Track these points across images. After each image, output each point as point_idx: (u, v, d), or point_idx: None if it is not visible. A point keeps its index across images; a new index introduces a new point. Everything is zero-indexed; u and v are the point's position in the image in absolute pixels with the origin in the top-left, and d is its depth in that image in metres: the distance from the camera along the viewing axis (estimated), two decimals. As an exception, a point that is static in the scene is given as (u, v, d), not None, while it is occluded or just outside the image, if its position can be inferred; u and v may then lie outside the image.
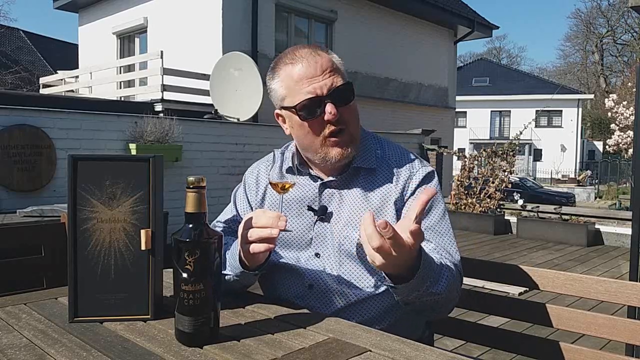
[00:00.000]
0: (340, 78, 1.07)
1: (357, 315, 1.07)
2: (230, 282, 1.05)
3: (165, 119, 4.85)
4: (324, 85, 1.04)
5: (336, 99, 1.04)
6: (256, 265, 1.00)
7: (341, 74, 1.08)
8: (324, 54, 1.08)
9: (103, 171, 0.93)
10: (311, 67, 1.04)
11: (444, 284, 0.97)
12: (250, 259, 0.97)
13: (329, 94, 1.04)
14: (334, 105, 1.03)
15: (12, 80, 16.10)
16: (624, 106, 17.44)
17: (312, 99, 1.04)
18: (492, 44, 49.76)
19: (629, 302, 1.13)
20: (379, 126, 8.92)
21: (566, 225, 6.52)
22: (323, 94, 1.04)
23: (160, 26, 9.22)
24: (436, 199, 1.11)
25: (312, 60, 1.05)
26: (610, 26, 38.75)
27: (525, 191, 15.10)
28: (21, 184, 4.07)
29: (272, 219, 0.90)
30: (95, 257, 0.93)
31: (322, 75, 1.04)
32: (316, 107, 1.04)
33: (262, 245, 0.92)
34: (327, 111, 1.03)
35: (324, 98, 1.04)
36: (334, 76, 1.05)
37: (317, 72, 1.04)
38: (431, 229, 1.08)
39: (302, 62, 1.05)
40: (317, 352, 0.81)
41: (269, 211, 0.94)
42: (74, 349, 0.82)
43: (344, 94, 1.06)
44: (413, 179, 1.12)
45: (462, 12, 12.22)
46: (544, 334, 1.79)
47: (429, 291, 0.95)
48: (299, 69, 1.05)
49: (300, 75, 1.04)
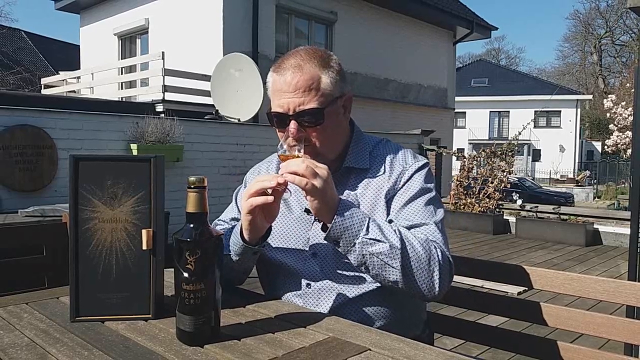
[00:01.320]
0: (315, 100, 1.05)
1: (355, 314, 1.08)
2: (231, 265, 1.06)
3: (167, 120, 4.85)
4: (292, 102, 1.05)
5: (302, 119, 1.06)
6: (256, 237, 1.03)
7: (320, 94, 1.06)
8: (311, 70, 1.06)
9: (104, 171, 0.93)
10: (286, 83, 1.06)
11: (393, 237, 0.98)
12: (251, 225, 1.00)
13: (295, 113, 1.06)
14: (297, 124, 1.05)
15: (14, 81, 16.10)
16: (623, 107, 17.45)
17: (279, 113, 1.07)
18: (491, 45, 49.82)
19: (627, 301, 1.13)
20: (379, 127, 8.93)
21: (565, 225, 6.52)
22: (289, 112, 1.06)
23: (161, 27, 9.23)
24: (425, 186, 1.11)
25: (290, 75, 1.06)
26: (609, 27, 38.76)
27: (524, 191, 15.10)
28: (23, 184, 4.07)
29: (273, 177, 0.95)
30: (97, 256, 0.94)
31: (295, 93, 1.05)
32: (283, 121, 1.07)
33: (261, 198, 0.95)
34: (289, 129, 1.06)
35: (289, 116, 1.06)
36: (307, 97, 1.05)
37: (290, 89, 1.05)
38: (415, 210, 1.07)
39: (283, 75, 1.07)
40: (317, 351, 0.81)
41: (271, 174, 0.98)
42: (75, 348, 0.82)
43: (311, 117, 1.06)
44: (405, 173, 1.13)
45: (461, 13, 12.23)
46: (543, 333, 1.79)
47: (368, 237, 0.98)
48: (278, 80, 1.08)
49: (277, 87, 1.08)
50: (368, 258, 0.99)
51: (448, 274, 1.02)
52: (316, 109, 1.06)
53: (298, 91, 1.05)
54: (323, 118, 1.06)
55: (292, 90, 1.05)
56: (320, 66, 1.07)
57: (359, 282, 1.09)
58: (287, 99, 1.05)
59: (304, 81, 1.05)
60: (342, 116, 1.13)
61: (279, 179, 0.94)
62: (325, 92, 1.07)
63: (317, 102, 1.06)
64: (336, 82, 1.09)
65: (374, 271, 1.00)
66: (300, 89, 1.05)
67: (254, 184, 0.97)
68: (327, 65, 1.09)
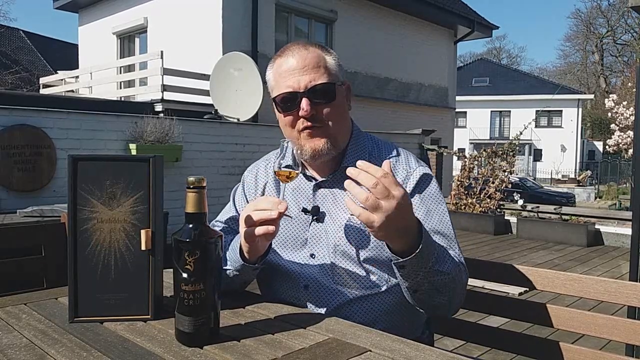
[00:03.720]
0: (325, 76, 1.05)
1: (355, 315, 1.07)
2: (231, 278, 1.05)
3: (166, 119, 4.85)
4: (302, 80, 1.04)
5: (313, 96, 1.04)
6: (256, 256, 1.01)
7: (328, 72, 1.06)
8: (315, 50, 1.07)
9: (103, 171, 0.93)
10: (295, 61, 1.05)
11: (449, 265, 0.97)
12: (251, 248, 0.98)
13: (306, 90, 1.04)
14: (309, 101, 1.03)
15: (12, 81, 16.09)
16: (624, 106, 17.43)
17: (289, 92, 1.04)
18: (492, 44, 49.82)
19: (628, 302, 1.13)
20: (379, 126, 8.92)
21: (566, 226, 6.52)
22: (300, 89, 1.04)
23: (160, 26, 9.22)
24: (436, 201, 1.10)
25: (297, 54, 1.05)
26: (610, 26, 38.75)
27: (525, 191, 15.09)
28: (21, 184, 4.07)
29: (272, 203, 0.92)
30: (96, 257, 0.93)
31: (304, 69, 1.04)
32: (293, 101, 1.04)
33: (262, 228, 0.92)
34: (302, 107, 1.03)
35: (300, 93, 1.04)
36: (317, 73, 1.04)
37: (299, 65, 1.04)
38: (432, 231, 1.07)
39: (289, 55, 1.06)
40: (317, 352, 0.81)
41: (270, 197, 0.94)
42: (74, 349, 0.82)
43: (323, 93, 1.04)
44: (411, 178, 1.11)
45: (462, 12, 12.22)
46: (544, 334, 1.79)
47: (435, 268, 0.94)
48: (285, 61, 1.06)
49: (285, 68, 1.06)
50: (425, 285, 0.96)
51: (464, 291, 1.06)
52: (328, 83, 1.05)
53: (307, 67, 1.04)
54: (335, 94, 1.06)
55: (300, 67, 1.04)
56: (322, 50, 1.09)
57: (359, 283, 1.08)
58: (297, 76, 1.04)
59: (312, 58, 1.05)
60: (346, 104, 1.13)
61: (280, 206, 0.90)
62: (332, 71, 1.07)
63: (328, 78, 1.05)
64: (339, 67, 1.09)
65: (420, 294, 0.98)
66: (309, 66, 1.04)
67: (255, 212, 0.92)
68: (328, 51, 1.10)
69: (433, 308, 1.03)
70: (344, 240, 1.07)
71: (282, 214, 0.91)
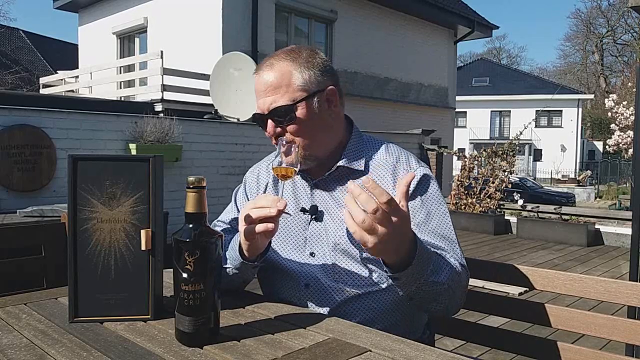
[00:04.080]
0: (286, 96, 1.06)
1: (355, 315, 1.07)
2: (230, 277, 1.05)
3: (165, 119, 4.85)
4: (265, 102, 1.08)
5: (276, 116, 1.07)
6: (255, 254, 1.01)
7: (292, 90, 1.06)
8: (281, 67, 1.06)
9: (103, 171, 0.93)
10: (260, 82, 1.09)
11: (446, 275, 0.97)
12: (250, 246, 0.98)
13: (269, 112, 1.08)
14: (272, 123, 1.08)
15: (12, 80, 16.09)
16: (624, 106, 17.42)
17: (257, 113, 1.10)
18: (492, 44, 49.81)
19: (628, 302, 1.13)
20: (379, 126, 8.93)
21: (566, 226, 6.52)
22: (264, 111, 1.08)
23: (160, 26, 9.22)
24: (437, 203, 1.10)
25: (263, 75, 1.08)
26: (610, 26, 38.74)
27: (525, 191, 15.09)
28: (21, 184, 4.07)
29: (271, 200, 0.92)
30: (96, 257, 0.93)
31: (266, 91, 1.08)
32: (261, 121, 1.10)
33: (261, 226, 0.92)
34: (266, 128, 1.09)
35: (265, 115, 1.08)
36: (277, 94, 1.06)
37: (262, 88, 1.09)
38: (433, 233, 1.07)
39: (258, 75, 1.10)
40: (317, 352, 0.81)
41: (269, 195, 0.94)
42: (74, 349, 0.82)
43: (284, 114, 1.06)
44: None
45: (462, 12, 12.22)
46: (544, 334, 1.79)
47: (430, 280, 0.94)
48: (256, 79, 1.11)
49: (255, 87, 1.11)
50: (422, 294, 0.96)
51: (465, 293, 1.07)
52: (286, 105, 1.06)
53: (268, 89, 1.07)
54: (294, 113, 1.07)
55: (264, 89, 1.08)
56: (293, 62, 1.07)
57: (359, 283, 1.08)
58: (262, 98, 1.09)
59: (273, 78, 1.07)
60: (326, 111, 1.10)
61: (279, 204, 0.91)
62: (298, 87, 1.07)
63: (287, 99, 1.06)
64: (313, 77, 1.07)
65: (417, 301, 0.99)
66: (270, 87, 1.07)
67: (254, 210, 0.93)
68: (305, 62, 1.08)
69: (430, 312, 1.05)
70: (344, 239, 1.07)
71: (281, 211, 0.91)
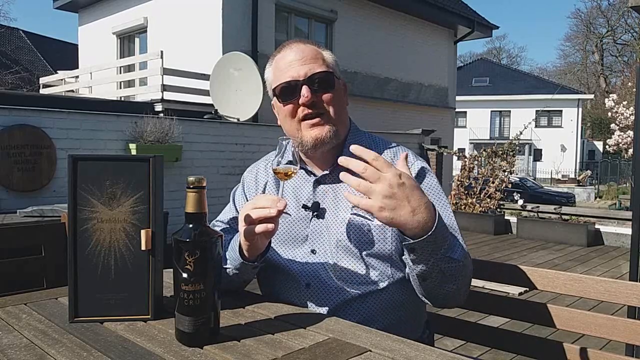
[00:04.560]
0: (324, 66, 1.09)
1: (356, 314, 1.07)
2: (230, 277, 1.05)
3: (165, 119, 4.85)
4: (302, 69, 1.08)
5: (313, 83, 1.07)
6: (255, 255, 1.01)
7: (326, 64, 1.11)
8: (312, 46, 1.12)
9: (103, 171, 0.93)
10: (294, 54, 1.09)
11: (460, 252, 0.98)
12: (250, 246, 0.98)
13: (306, 77, 1.07)
14: (309, 88, 1.06)
15: (12, 80, 16.09)
16: (624, 106, 17.42)
17: (290, 81, 1.08)
18: (492, 44, 49.83)
19: (628, 302, 1.13)
20: (379, 126, 8.92)
21: (566, 226, 6.52)
22: (300, 78, 1.07)
23: (160, 26, 9.22)
24: (437, 193, 1.12)
25: (296, 48, 1.10)
26: (610, 26, 38.73)
27: (525, 191, 15.09)
28: (21, 184, 4.07)
29: (271, 200, 0.92)
30: (96, 257, 0.93)
31: (302, 59, 1.08)
32: (293, 89, 1.08)
33: (261, 226, 0.92)
34: (302, 94, 1.06)
35: (300, 81, 1.07)
36: (315, 63, 1.09)
37: (298, 57, 1.09)
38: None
39: (288, 50, 1.11)
40: (317, 352, 0.81)
41: (269, 195, 0.94)
42: (74, 349, 0.82)
43: (322, 81, 1.08)
44: (410, 171, 1.11)
45: (462, 12, 12.21)
46: (544, 334, 1.79)
47: (447, 255, 0.94)
48: (283, 56, 1.11)
49: (284, 62, 1.10)
50: (436, 272, 0.95)
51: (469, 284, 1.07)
52: (327, 72, 1.09)
53: (305, 58, 1.08)
54: (334, 83, 1.09)
55: (299, 58, 1.09)
56: (319, 47, 1.13)
57: (360, 282, 1.08)
58: (297, 67, 1.08)
59: (311, 51, 1.10)
60: (344, 98, 1.15)
61: (279, 204, 0.91)
62: (330, 64, 1.12)
63: (326, 68, 1.10)
64: (336, 63, 1.13)
65: (430, 282, 0.97)
66: (307, 57, 1.09)
67: (254, 210, 0.92)
68: (324, 49, 1.14)
69: (442, 298, 1.02)
70: (346, 236, 1.07)
71: (281, 211, 0.91)
